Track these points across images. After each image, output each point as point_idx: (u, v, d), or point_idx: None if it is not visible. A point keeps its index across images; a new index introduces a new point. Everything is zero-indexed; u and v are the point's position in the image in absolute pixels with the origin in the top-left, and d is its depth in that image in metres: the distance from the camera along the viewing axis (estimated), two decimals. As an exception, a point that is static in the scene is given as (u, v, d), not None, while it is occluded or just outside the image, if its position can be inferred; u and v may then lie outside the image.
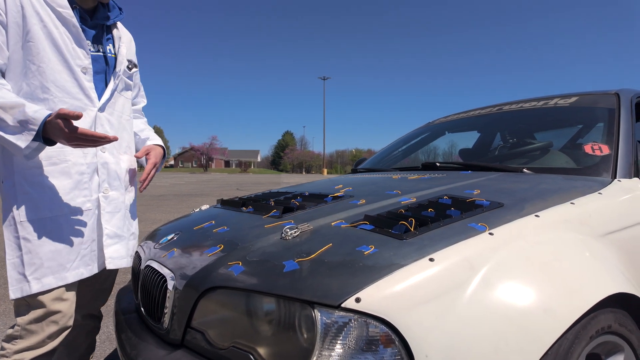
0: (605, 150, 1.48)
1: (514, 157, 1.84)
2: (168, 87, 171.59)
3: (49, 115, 1.03)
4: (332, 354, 0.72)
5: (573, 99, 1.94)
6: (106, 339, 2.18)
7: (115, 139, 1.08)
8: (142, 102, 1.57)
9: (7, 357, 1.10)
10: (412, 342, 0.70)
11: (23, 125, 1.01)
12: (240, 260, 0.92)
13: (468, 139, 2.63)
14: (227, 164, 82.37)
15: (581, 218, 1.03)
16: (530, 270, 0.82)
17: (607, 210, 1.12)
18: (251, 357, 0.79)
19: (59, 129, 1.01)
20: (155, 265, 1.12)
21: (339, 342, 0.73)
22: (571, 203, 1.07)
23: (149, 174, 1.34)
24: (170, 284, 1.00)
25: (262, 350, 0.79)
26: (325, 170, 63.31)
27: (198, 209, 1.71)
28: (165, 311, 1.00)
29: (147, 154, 1.38)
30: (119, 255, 1.27)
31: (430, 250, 0.81)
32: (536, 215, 0.98)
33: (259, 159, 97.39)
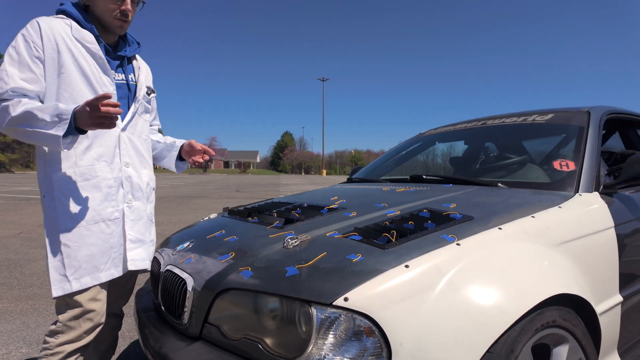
0: (572, 166, 1.65)
1: (494, 170, 2.02)
2: (167, 87, 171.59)
3: (78, 107, 1.18)
4: (326, 342, 0.90)
5: (549, 116, 2.12)
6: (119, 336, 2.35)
7: (119, 111, 1.18)
8: (158, 125, 1.74)
9: (50, 349, 1.27)
10: (389, 333, 0.88)
11: (59, 117, 1.17)
12: (249, 266, 1.09)
13: (457, 149, 2.82)
14: (227, 164, 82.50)
15: (539, 230, 1.20)
16: (488, 275, 0.99)
17: (564, 223, 1.29)
18: (260, 346, 0.97)
19: (82, 109, 1.15)
20: (174, 269, 1.29)
21: (330, 333, 0.90)
22: (532, 217, 1.25)
23: (207, 150, 1.65)
24: (189, 286, 1.18)
25: (268, 341, 0.97)
26: (325, 171, 63.39)
27: (207, 218, 1.89)
28: (185, 309, 1.17)
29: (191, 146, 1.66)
30: (140, 257, 1.43)
31: (407, 258, 0.99)
32: (499, 228, 1.15)
33: (258, 160, 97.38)
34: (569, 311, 1.10)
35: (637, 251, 1.53)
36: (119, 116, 1.39)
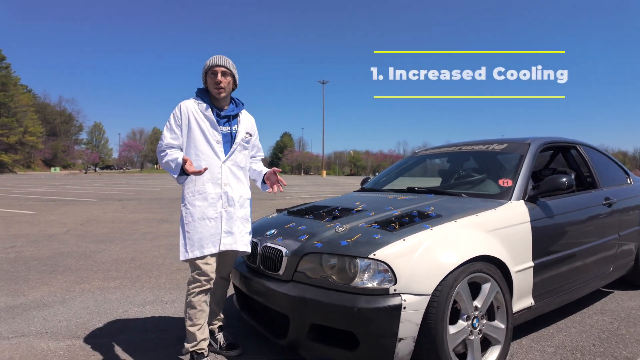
0: (510, 183, 2.59)
1: (463, 184, 2.97)
2: (167, 88, 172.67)
3: (184, 163, 2.10)
4: (365, 276, 1.83)
5: (504, 145, 3.06)
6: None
7: (204, 170, 2.11)
8: (261, 155, 2.63)
9: (189, 290, 2.18)
10: (396, 271, 1.81)
11: (176, 167, 2.14)
12: (320, 241, 2.03)
13: (443, 164, 3.77)
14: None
15: (478, 223, 2.14)
16: (446, 244, 1.93)
17: (495, 219, 2.23)
18: (329, 280, 1.90)
19: (186, 167, 2.10)
20: (271, 245, 2.23)
21: (367, 272, 1.84)
22: (476, 215, 2.19)
23: (280, 181, 2.42)
24: (284, 254, 2.11)
25: (334, 277, 1.90)
26: (324, 172, 64.33)
27: (270, 216, 2.83)
28: (281, 266, 2.11)
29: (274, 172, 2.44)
30: (229, 242, 2.30)
31: (404, 236, 1.92)
32: (455, 221, 2.09)
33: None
34: (491, 265, 2.04)
35: (545, 236, 2.47)
36: (222, 152, 2.31)
